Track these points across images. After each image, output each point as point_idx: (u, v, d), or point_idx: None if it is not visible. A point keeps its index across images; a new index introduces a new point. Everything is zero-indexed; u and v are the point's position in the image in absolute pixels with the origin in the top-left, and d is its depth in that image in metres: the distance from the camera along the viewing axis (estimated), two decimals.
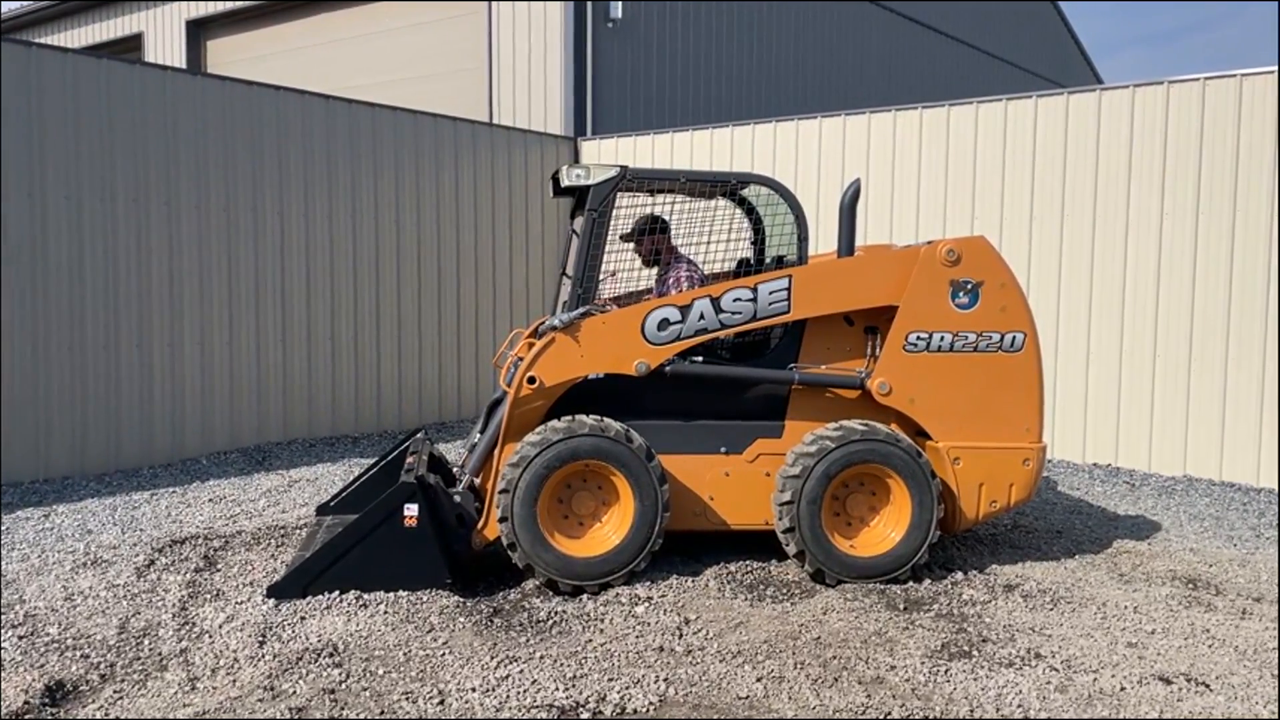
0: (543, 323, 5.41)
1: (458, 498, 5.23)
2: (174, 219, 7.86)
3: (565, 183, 5.33)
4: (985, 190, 8.61)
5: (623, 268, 5.73)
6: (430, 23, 13.51)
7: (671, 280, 5.65)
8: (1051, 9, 23.92)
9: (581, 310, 5.24)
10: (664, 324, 5.26)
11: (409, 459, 5.67)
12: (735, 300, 5.27)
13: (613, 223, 5.39)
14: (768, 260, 5.77)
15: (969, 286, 5.31)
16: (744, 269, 5.72)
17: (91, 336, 7.44)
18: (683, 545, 5.51)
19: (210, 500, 6.86)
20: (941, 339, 5.30)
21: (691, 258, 5.85)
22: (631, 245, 5.83)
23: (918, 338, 5.30)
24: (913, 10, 18.50)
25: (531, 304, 10.60)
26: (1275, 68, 7.31)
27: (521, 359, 5.29)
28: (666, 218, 5.86)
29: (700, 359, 5.42)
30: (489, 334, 10.25)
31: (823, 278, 5.39)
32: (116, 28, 17.69)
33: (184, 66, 15.94)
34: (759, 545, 5.50)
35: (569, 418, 5.09)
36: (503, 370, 5.36)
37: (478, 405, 10.19)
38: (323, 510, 6.05)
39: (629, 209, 5.74)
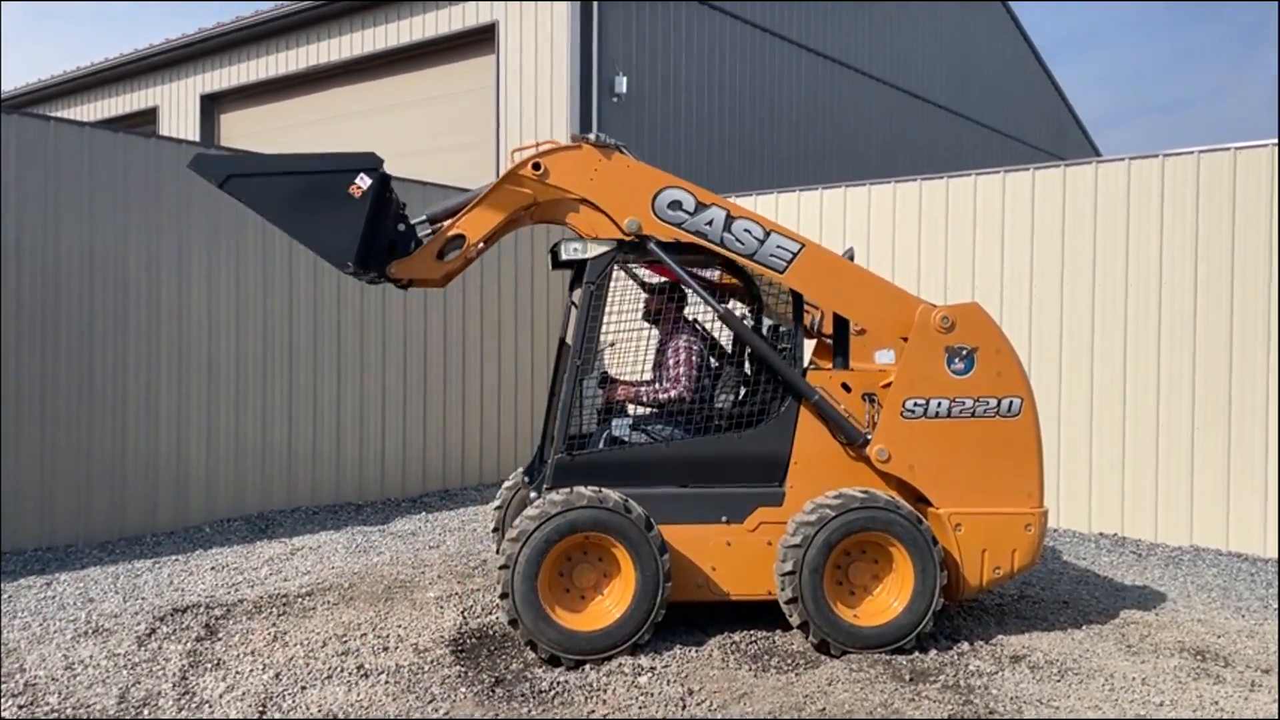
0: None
1: (403, 228, 5.30)
2: (184, 287, 7.97)
3: (564, 256, 5.43)
4: (985, 261, 8.71)
5: (621, 338, 5.80)
6: (439, 97, 13.82)
7: (671, 349, 5.70)
8: (1049, 84, 24.38)
9: (616, 142, 5.37)
10: (675, 205, 5.36)
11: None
12: (746, 230, 5.37)
13: (610, 294, 5.47)
14: (764, 329, 5.84)
15: (964, 352, 5.36)
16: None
17: (99, 404, 7.49)
18: (686, 615, 5.48)
19: (213, 568, 6.85)
20: (939, 405, 5.34)
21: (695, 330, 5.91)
22: (642, 310, 5.90)
23: (915, 404, 5.34)
24: (912, 84, 18.87)
25: (536, 372, 10.65)
26: (1269, 142, 7.43)
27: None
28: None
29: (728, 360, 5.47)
30: (493, 402, 10.30)
31: (828, 264, 5.51)
32: (132, 102, 18.10)
33: (198, 140, 16.28)
34: (763, 615, 5.46)
35: (566, 490, 5.10)
36: None
37: (481, 473, 10.20)
38: None
39: (628, 280, 5.83)
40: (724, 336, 6.02)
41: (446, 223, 5.45)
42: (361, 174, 4.98)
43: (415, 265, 5.39)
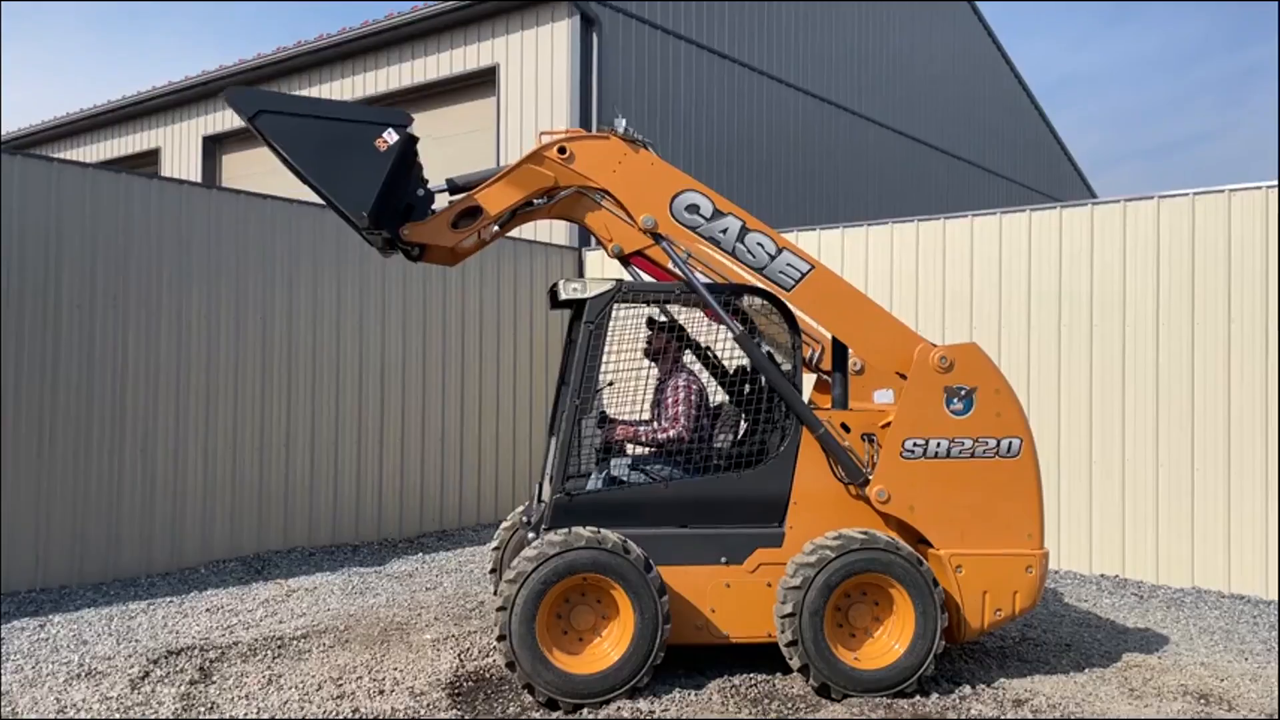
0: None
1: (422, 193, 5.32)
2: (183, 327, 7.98)
3: (563, 296, 5.45)
4: (982, 302, 8.74)
5: (620, 377, 5.80)
6: (439, 138, 13.92)
7: (670, 388, 5.70)
8: (1044, 127, 24.62)
9: (644, 139, 5.45)
10: (693, 209, 5.38)
11: None
12: (758, 244, 5.39)
13: (609, 334, 5.47)
14: None
15: (963, 393, 5.36)
16: (740, 376, 5.79)
17: (96, 444, 7.47)
18: (685, 658, 5.43)
19: (207, 610, 6.79)
20: (938, 445, 5.32)
21: (694, 370, 5.91)
22: (642, 344, 5.91)
23: (914, 444, 5.32)
24: (909, 127, 19.05)
25: (535, 411, 10.65)
26: (1264, 184, 7.48)
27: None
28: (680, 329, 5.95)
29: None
30: (491, 442, 10.28)
31: (836, 289, 5.52)
32: (136, 143, 18.25)
33: (199, 180, 16.39)
34: (763, 657, 5.41)
35: (565, 530, 5.07)
36: None
37: (479, 514, 10.15)
38: None
39: (626, 320, 5.84)
40: (729, 364, 6.03)
41: (473, 193, 5.51)
42: (390, 128, 5.03)
43: (428, 230, 5.40)
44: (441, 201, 5.57)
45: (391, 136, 5.02)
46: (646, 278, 5.93)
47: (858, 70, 17.74)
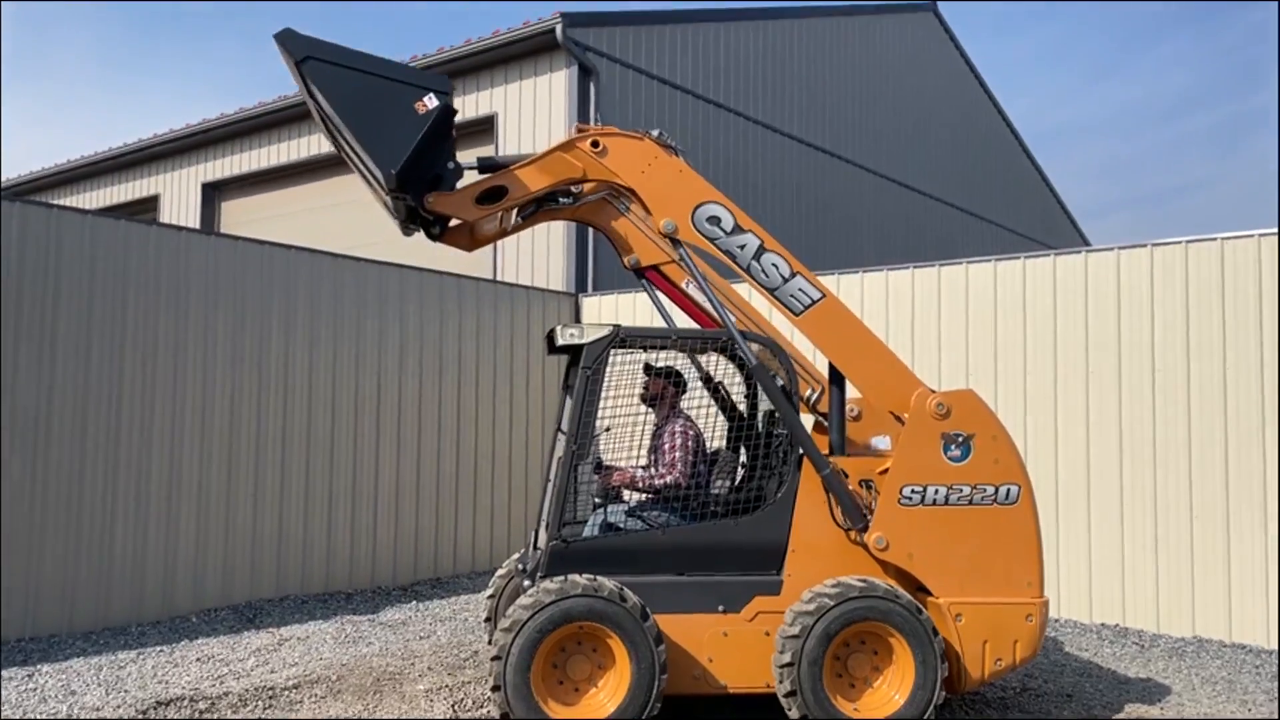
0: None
1: (452, 166, 5.37)
2: (180, 374, 7.96)
3: (560, 341, 5.45)
4: (978, 348, 8.75)
5: (617, 423, 5.78)
6: None
7: (666, 434, 5.69)
8: (1037, 175, 24.87)
9: (677, 145, 5.52)
10: (714, 220, 5.47)
11: None
12: (773, 264, 5.50)
13: (606, 380, 5.47)
14: (760, 413, 5.84)
15: (960, 439, 5.35)
16: (738, 422, 5.77)
17: (89, 491, 7.41)
18: (683, 709, 5.35)
19: (198, 659, 6.70)
20: (936, 492, 5.30)
21: (690, 415, 5.90)
22: (639, 390, 5.90)
23: (912, 491, 5.30)
24: (904, 175, 19.23)
25: (531, 457, 10.60)
26: (1256, 232, 7.54)
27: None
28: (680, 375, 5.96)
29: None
30: (487, 488, 10.22)
31: (844, 319, 5.60)
32: (135, 189, 18.36)
33: (198, 226, 16.46)
34: (761, 707, 5.34)
35: (561, 578, 5.02)
36: None
37: (474, 561, 10.06)
38: None
39: (623, 366, 5.84)
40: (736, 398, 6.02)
41: (497, 175, 5.58)
42: (432, 93, 5.11)
43: (452, 202, 5.46)
44: (470, 181, 5.66)
45: (431, 101, 5.11)
46: (658, 293, 5.95)
47: (851, 119, 17.94)
